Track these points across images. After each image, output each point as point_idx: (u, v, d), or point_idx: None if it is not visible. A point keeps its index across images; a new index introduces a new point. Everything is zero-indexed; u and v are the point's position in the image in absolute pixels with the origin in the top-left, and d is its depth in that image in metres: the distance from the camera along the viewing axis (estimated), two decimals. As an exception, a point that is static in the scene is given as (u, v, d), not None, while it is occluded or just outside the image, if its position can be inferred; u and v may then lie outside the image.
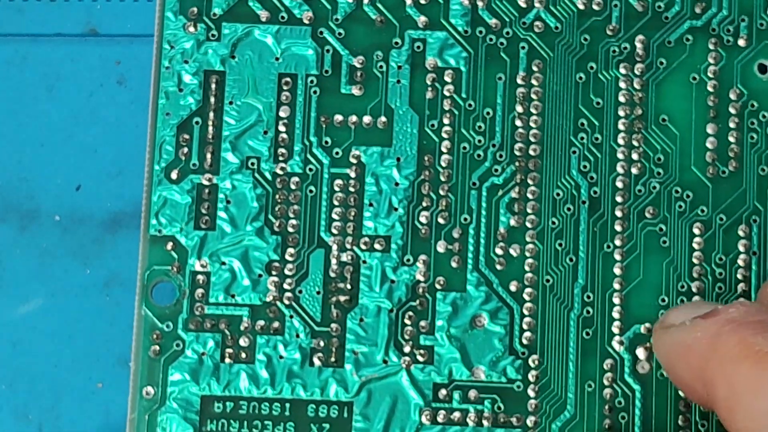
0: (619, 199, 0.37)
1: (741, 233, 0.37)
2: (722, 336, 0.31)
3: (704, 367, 0.32)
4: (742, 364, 0.31)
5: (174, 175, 0.37)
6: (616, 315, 0.37)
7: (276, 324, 0.37)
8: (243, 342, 0.37)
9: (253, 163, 0.37)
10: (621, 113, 0.37)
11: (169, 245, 0.37)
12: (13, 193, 0.41)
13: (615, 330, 0.37)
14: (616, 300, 0.37)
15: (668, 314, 0.34)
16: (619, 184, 0.37)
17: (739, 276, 0.37)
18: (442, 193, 0.37)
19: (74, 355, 0.40)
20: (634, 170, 0.37)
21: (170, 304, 0.37)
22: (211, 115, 0.37)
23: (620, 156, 0.37)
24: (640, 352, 0.36)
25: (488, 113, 0.37)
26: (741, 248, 0.37)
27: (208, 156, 0.37)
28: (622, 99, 0.37)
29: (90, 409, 0.40)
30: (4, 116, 0.41)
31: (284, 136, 0.37)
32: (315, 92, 0.37)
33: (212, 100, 0.37)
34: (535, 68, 0.37)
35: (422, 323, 0.37)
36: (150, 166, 0.37)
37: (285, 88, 0.37)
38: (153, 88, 0.37)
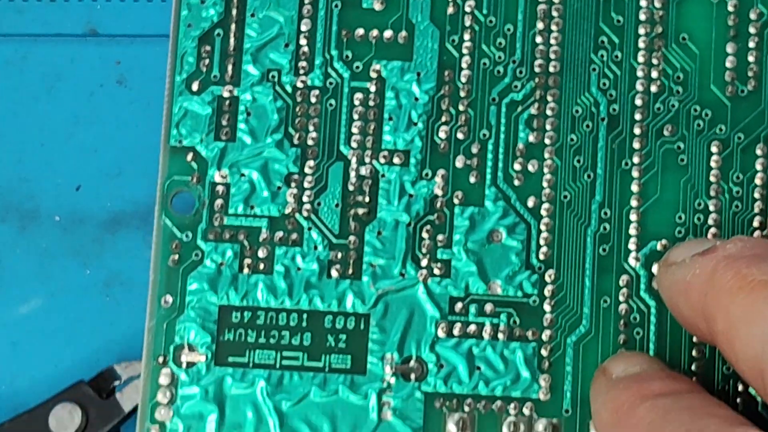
0: (637, 116, 0.37)
1: (759, 152, 0.37)
2: (718, 271, 0.32)
3: (703, 303, 0.32)
4: (737, 295, 0.31)
5: (195, 87, 0.37)
6: (632, 232, 0.37)
7: (294, 236, 0.37)
8: (261, 253, 0.37)
9: (273, 76, 0.37)
10: (641, 31, 0.37)
11: (189, 156, 0.37)
12: (13, 193, 0.41)
13: (631, 246, 0.37)
14: (633, 217, 0.37)
15: (670, 252, 0.35)
16: (638, 102, 0.37)
17: (756, 195, 0.37)
18: (461, 108, 0.37)
19: (74, 355, 0.40)
20: (653, 88, 0.37)
21: (189, 215, 0.37)
22: (233, 27, 0.37)
23: (640, 74, 0.37)
24: (656, 269, 0.36)
25: (509, 29, 0.37)
26: (758, 167, 0.37)
27: (229, 68, 0.37)
28: (642, 17, 0.37)
29: None
30: (4, 116, 0.41)
31: (305, 49, 0.37)
32: (336, 6, 0.38)
33: (234, 12, 0.37)
34: (556, -15, 0.38)
35: (440, 237, 0.37)
36: (171, 77, 0.37)
37: (307, 1, 0.37)
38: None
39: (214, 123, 0.37)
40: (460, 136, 0.37)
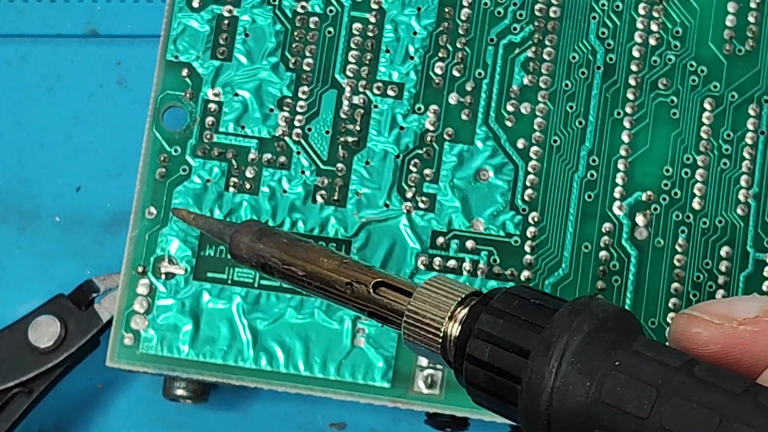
0: (634, 67, 0.37)
1: (751, 112, 0.37)
2: None
3: None
4: None
5: (195, 3, 0.37)
6: (619, 181, 0.37)
7: (282, 159, 0.37)
8: (249, 173, 0.37)
9: (274, -1, 0.38)
10: (644, -17, 0.37)
11: (185, 72, 0.37)
12: (13, 194, 0.41)
13: (617, 195, 0.37)
14: (621, 166, 0.37)
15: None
16: (636, 53, 0.37)
17: (745, 154, 0.37)
18: (459, 46, 0.37)
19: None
20: (651, 41, 0.37)
21: (180, 130, 0.37)
22: (238, -53, 0.38)
23: (639, 26, 0.37)
24: (640, 219, 0.37)
25: (512, -29, 0.38)
26: (750, 126, 0.37)
27: (231, -12, 0.38)
28: (646, -31, 0.37)
29: (90, 409, 0.40)
30: (4, 116, 0.41)
31: (308, -25, 0.38)
32: (342, -66, 0.38)
33: (240, -68, 0.38)
34: (562, -69, 0.38)
35: (427, 171, 0.37)
36: (173, -8, 0.38)
37: (313, -73, 0.38)
38: None
39: (211, 41, 0.37)
40: (455, 73, 0.37)
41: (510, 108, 0.37)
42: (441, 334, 0.28)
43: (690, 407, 0.26)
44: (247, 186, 0.37)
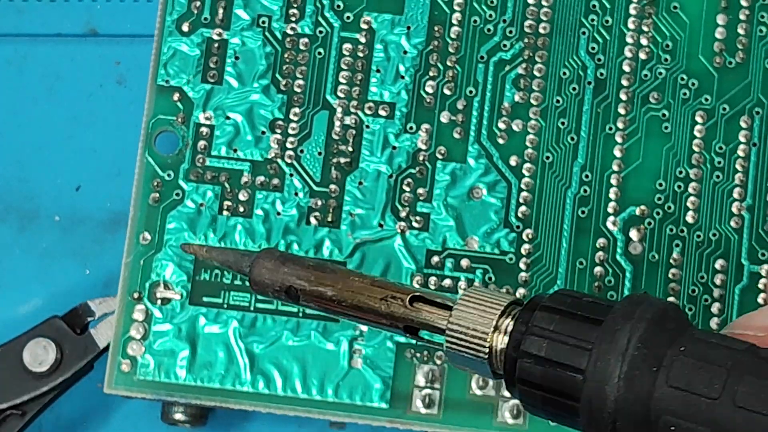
0: (624, 82, 0.37)
1: (743, 124, 0.37)
2: None
3: None
4: None
5: (185, 28, 0.37)
6: (612, 196, 0.37)
7: (276, 181, 0.37)
8: (242, 196, 0.37)
9: (264, 22, 0.37)
10: (633, -3, 0.37)
11: (176, 96, 0.37)
12: (13, 194, 0.40)
13: (610, 210, 0.37)
14: (613, 181, 0.37)
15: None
16: (626, 68, 0.37)
17: (737, 166, 0.37)
18: (449, 64, 0.37)
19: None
20: (641, 55, 0.37)
21: (172, 154, 0.37)
22: (226, -30, 0.38)
23: (629, 40, 0.37)
24: (634, 234, 0.37)
25: (501, -12, 0.38)
26: (742, 139, 0.37)
27: (220, 11, 0.37)
28: (635, -17, 0.37)
29: (90, 409, 0.40)
30: (4, 116, 0.41)
31: (297, -4, 0.38)
32: (330, -45, 0.38)
33: (228, -45, 0.38)
34: (550, -53, 0.38)
35: (420, 190, 0.37)
36: (162, 17, 0.37)
37: (301, -52, 0.38)
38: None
39: (201, 65, 0.37)
40: (446, 91, 0.37)
41: (502, 125, 0.37)
42: (487, 347, 0.28)
43: (763, 384, 0.26)
44: (241, 209, 0.37)
